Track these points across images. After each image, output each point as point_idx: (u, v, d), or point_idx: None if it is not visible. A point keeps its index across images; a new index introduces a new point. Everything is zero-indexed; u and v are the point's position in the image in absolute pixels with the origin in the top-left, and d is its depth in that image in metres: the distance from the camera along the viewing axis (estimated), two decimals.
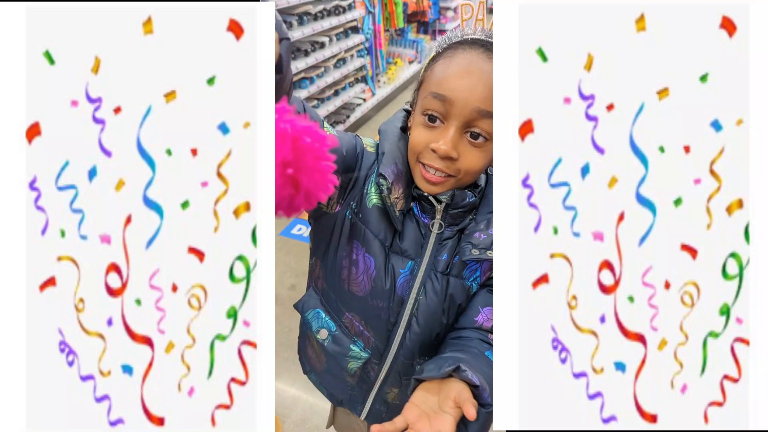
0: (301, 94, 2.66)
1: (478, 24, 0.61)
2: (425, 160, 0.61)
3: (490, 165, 0.64)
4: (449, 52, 0.63)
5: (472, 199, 0.65)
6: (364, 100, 3.78)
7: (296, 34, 2.57)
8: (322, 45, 2.91)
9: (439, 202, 0.63)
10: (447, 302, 0.66)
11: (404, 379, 0.71)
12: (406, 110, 0.69)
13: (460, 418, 0.57)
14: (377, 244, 0.65)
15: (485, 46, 0.61)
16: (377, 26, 3.98)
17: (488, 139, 0.62)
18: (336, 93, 3.28)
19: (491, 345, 0.65)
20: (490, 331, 0.66)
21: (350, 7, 3.23)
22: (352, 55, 3.45)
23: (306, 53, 2.70)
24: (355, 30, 3.45)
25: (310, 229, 0.74)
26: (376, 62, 4.08)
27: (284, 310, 1.71)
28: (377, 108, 3.96)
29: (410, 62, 5.02)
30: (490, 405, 0.60)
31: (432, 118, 0.61)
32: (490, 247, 0.64)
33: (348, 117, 3.43)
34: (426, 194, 0.64)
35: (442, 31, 6.04)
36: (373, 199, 0.65)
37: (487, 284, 0.68)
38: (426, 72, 0.65)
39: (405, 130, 0.67)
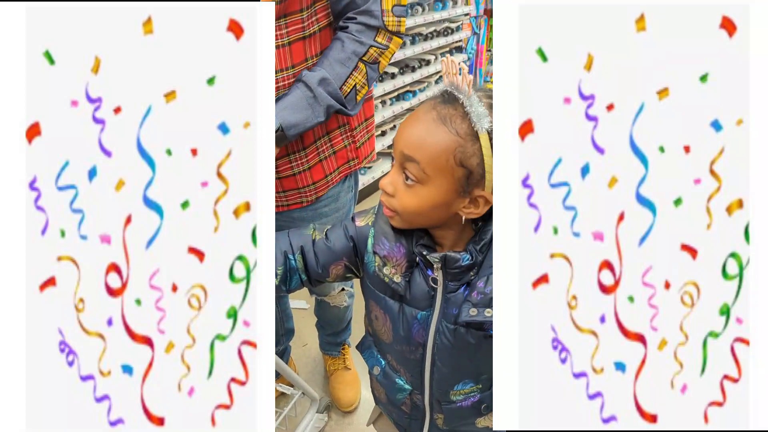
0: (404, 105, 3.02)
1: (454, 77, 0.61)
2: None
3: (446, 217, 0.67)
4: (421, 105, 0.67)
5: (466, 261, 0.67)
6: None
7: (408, 52, 2.81)
8: (428, 62, 3.15)
9: (437, 263, 0.66)
10: (465, 347, 0.69)
11: (444, 406, 0.78)
12: None
13: None
14: (388, 300, 0.73)
15: (443, 96, 0.63)
16: (480, 47, 4.20)
17: (418, 181, 0.63)
18: None
19: None
20: None
21: (458, 28, 3.41)
22: None
23: (413, 69, 2.95)
24: (460, 50, 3.73)
25: None
26: (475, 79, 4.35)
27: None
28: None
29: None
30: None
31: (396, 164, 0.65)
32: (489, 305, 0.67)
33: None
34: (423, 253, 0.67)
35: None
36: (372, 267, 0.72)
37: None
38: None
39: None
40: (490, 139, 0.62)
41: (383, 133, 3.04)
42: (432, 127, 0.61)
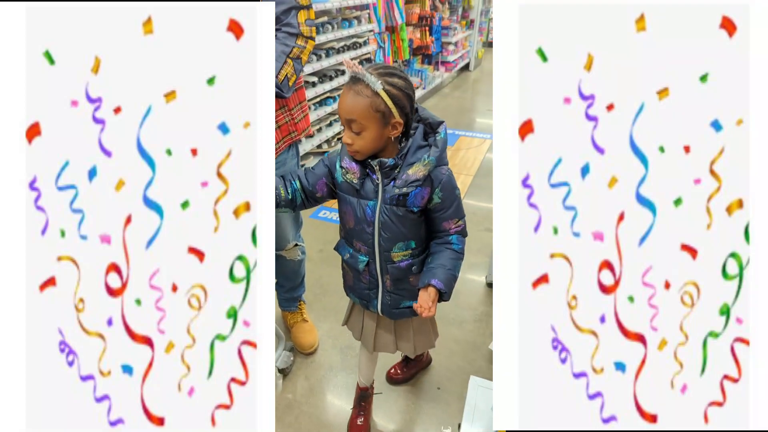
0: (326, 109, 3.55)
1: (354, 68, 1.04)
2: (347, 142, 1.08)
3: (384, 141, 1.07)
4: (343, 88, 1.07)
5: (391, 163, 1.08)
6: None
7: (324, 64, 3.43)
8: (343, 72, 3.71)
9: (375, 166, 1.10)
10: (397, 220, 1.12)
11: (389, 266, 1.20)
12: None
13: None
14: (351, 197, 1.15)
15: (352, 79, 1.03)
16: (387, 58, 4.87)
17: (361, 130, 1.03)
18: None
19: (452, 251, 1.16)
20: (458, 233, 1.17)
21: (365, 43, 4.08)
22: None
23: (330, 78, 3.59)
24: (369, 61, 4.21)
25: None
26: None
27: (314, 265, 2.42)
28: None
29: (415, 88, 5.43)
30: (447, 293, 1.11)
31: (348, 128, 1.06)
32: (405, 185, 1.08)
33: None
34: (370, 162, 1.10)
35: (444, 62, 6.79)
36: (340, 177, 1.14)
37: (428, 208, 1.14)
38: None
39: None
40: (384, 91, 0.99)
41: (310, 135, 3.46)
42: (354, 98, 1.01)
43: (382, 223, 1.13)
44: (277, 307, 2.04)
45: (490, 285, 2.39)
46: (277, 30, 1.26)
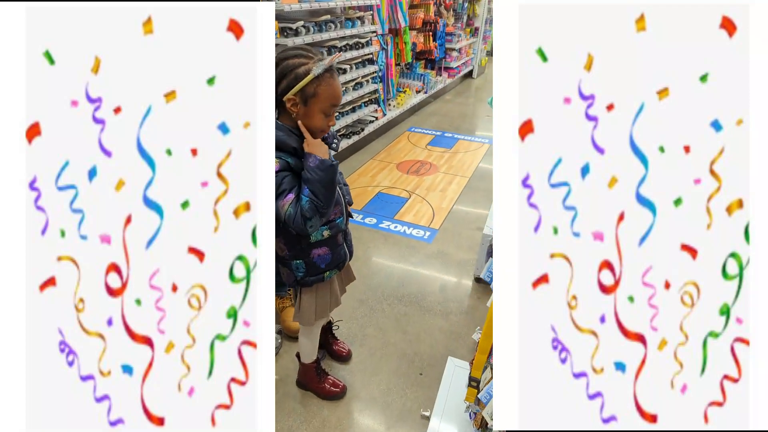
0: None
1: (330, 62, 1.22)
2: (325, 129, 1.26)
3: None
4: (327, 77, 1.21)
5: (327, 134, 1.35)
6: (376, 118, 4.70)
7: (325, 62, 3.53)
8: (345, 71, 3.88)
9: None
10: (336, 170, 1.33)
11: (349, 210, 1.47)
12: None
13: None
14: None
15: (332, 69, 1.22)
16: (389, 60, 4.95)
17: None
18: (353, 110, 4.22)
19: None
20: None
21: (367, 43, 4.11)
22: (367, 81, 4.34)
23: None
24: (371, 62, 4.32)
25: None
26: (388, 89, 5.10)
27: None
28: (388, 126, 5.04)
29: (417, 92, 5.89)
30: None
31: (328, 114, 1.24)
32: (335, 139, 1.37)
33: (362, 130, 4.37)
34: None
35: (448, 68, 6.81)
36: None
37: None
38: (318, 87, 1.21)
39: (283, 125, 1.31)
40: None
41: None
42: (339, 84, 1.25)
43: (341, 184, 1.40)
44: None
45: (477, 280, 2.52)
46: None
